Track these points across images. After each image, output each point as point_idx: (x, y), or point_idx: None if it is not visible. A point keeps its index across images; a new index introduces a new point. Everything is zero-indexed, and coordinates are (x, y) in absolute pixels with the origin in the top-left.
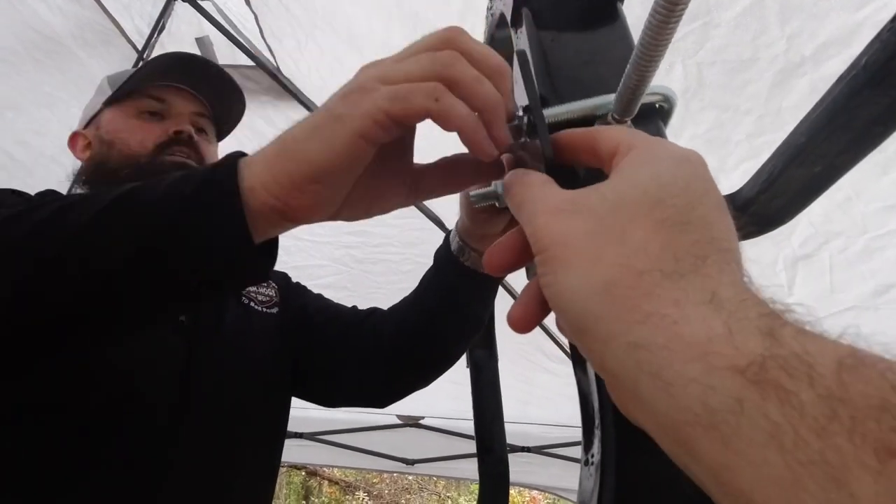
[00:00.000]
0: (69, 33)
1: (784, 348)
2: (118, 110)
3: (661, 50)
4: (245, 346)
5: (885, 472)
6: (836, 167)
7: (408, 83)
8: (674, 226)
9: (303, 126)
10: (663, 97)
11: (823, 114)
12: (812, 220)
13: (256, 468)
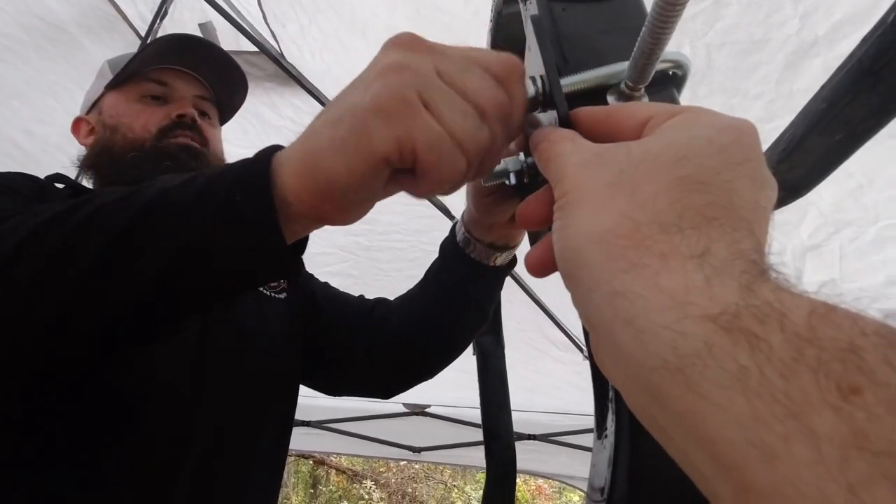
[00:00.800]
0: (73, 20)
1: (759, 299)
2: (120, 94)
3: (678, 10)
4: (257, 330)
5: (846, 407)
6: (858, 134)
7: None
8: (691, 184)
9: (330, 133)
10: (676, 63)
11: (847, 77)
12: (822, 209)
13: (268, 453)
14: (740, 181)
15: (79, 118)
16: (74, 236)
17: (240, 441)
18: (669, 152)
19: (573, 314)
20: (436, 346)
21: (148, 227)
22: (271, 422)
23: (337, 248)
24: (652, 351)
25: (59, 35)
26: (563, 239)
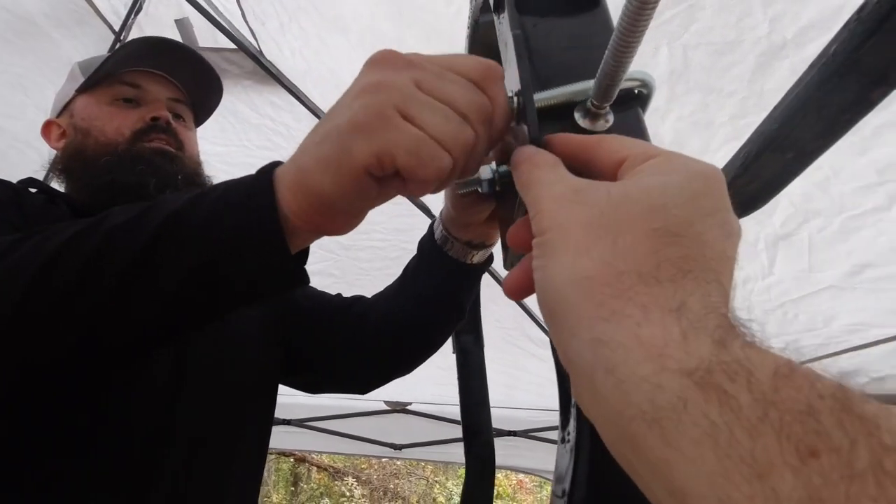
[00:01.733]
0: (42, 13)
1: (730, 355)
2: (92, 97)
3: (637, 36)
4: (234, 334)
5: (804, 469)
6: (807, 153)
7: (429, 139)
8: (665, 236)
9: (315, 152)
10: (642, 83)
11: (795, 101)
12: (793, 199)
13: (247, 454)
14: (711, 232)
15: (49, 121)
16: (90, 264)
17: (218, 443)
18: (646, 200)
19: None
20: (413, 342)
21: (161, 251)
22: (250, 423)
23: (317, 246)
24: (631, 401)
25: (26, 27)
26: (545, 280)
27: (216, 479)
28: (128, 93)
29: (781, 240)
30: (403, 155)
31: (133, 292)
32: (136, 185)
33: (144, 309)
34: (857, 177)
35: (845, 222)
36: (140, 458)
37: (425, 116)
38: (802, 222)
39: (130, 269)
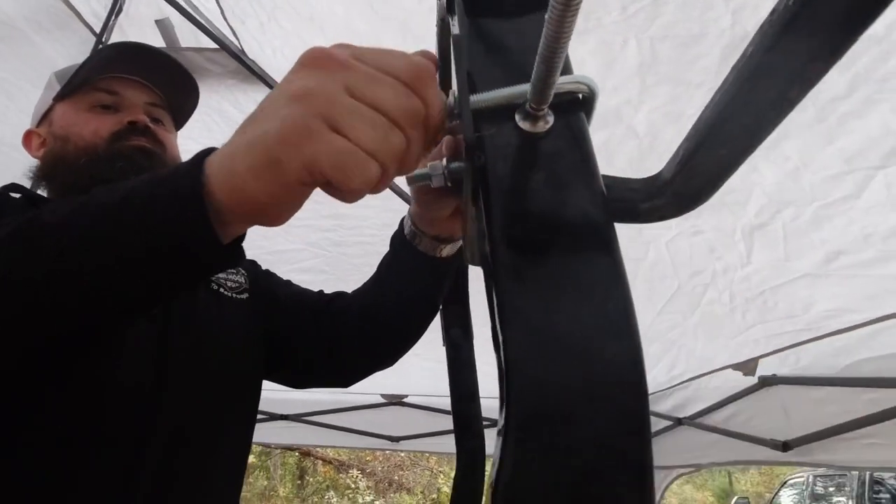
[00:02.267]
0: (22, 17)
1: None
2: (69, 105)
3: (563, 40)
4: (217, 331)
5: None
6: (739, 149)
7: (358, 151)
8: None
9: (247, 160)
10: (583, 87)
11: (721, 99)
12: (766, 189)
13: (230, 451)
14: None
15: (29, 131)
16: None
17: (201, 440)
18: None
19: None
20: (389, 336)
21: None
22: (232, 420)
23: (307, 244)
24: None
25: (8, 32)
26: None
27: (198, 477)
28: (105, 99)
29: (757, 230)
30: (330, 168)
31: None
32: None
33: (75, 298)
34: (825, 166)
35: (817, 211)
36: (121, 457)
37: (353, 126)
38: (776, 212)
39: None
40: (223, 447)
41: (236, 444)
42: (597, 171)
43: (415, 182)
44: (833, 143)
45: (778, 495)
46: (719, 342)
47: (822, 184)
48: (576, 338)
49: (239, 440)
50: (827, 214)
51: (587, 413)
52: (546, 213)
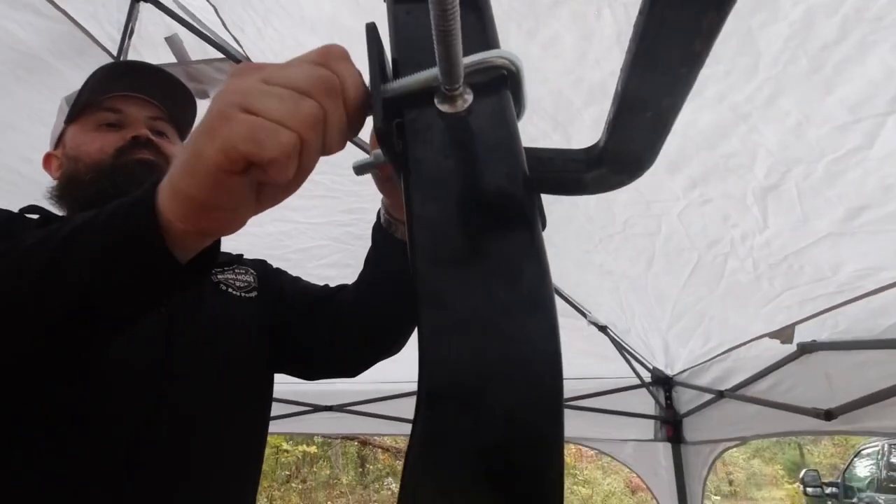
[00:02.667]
0: (45, 48)
1: None
2: (78, 126)
3: (450, 19)
4: (223, 330)
5: None
6: (664, 110)
7: (265, 121)
8: None
9: (178, 160)
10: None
11: (630, 61)
12: (770, 149)
13: (239, 443)
14: None
15: (48, 154)
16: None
17: (207, 431)
18: None
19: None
20: (382, 324)
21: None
22: (240, 411)
23: (330, 239)
24: None
25: (34, 63)
26: None
27: (205, 462)
28: (109, 118)
29: (769, 192)
30: (242, 143)
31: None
32: (117, 196)
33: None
34: (829, 118)
35: (829, 166)
36: (124, 447)
37: (263, 104)
38: (785, 172)
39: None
40: (230, 438)
41: (245, 436)
42: (517, 146)
43: (361, 171)
44: (833, 93)
45: (852, 465)
46: (750, 311)
47: (829, 137)
48: (487, 315)
49: (248, 432)
50: (839, 169)
51: (497, 390)
52: (462, 192)
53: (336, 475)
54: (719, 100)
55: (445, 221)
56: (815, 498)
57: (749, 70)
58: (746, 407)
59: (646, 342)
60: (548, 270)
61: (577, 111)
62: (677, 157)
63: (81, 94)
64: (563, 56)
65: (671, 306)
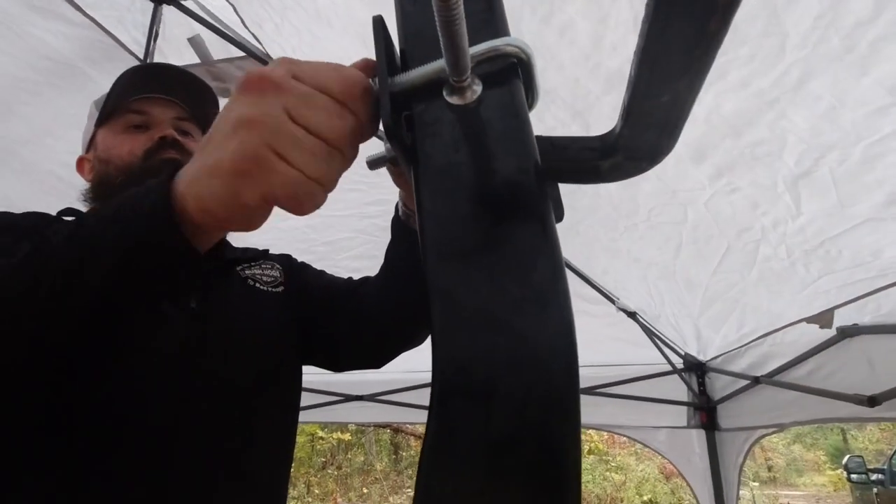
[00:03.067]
0: (76, 55)
1: None
2: (108, 129)
3: (453, 8)
4: (252, 324)
5: None
6: (682, 93)
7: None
8: None
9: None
10: (511, 49)
11: (642, 44)
12: (800, 135)
13: (268, 436)
14: None
15: (80, 158)
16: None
17: (237, 423)
18: None
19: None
20: (405, 315)
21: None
22: (268, 404)
23: (357, 231)
24: None
25: (67, 71)
26: None
27: (234, 453)
28: (136, 120)
29: (801, 179)
30: (284, 199)
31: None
32: None
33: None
34: (865, 101)
35: (866, 151)
36: (160, 429)
37: (297, 156)
38: (818, 158)
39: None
40: (261, 426)
41: (276, 423)
42: (529, 137)
43: (375, 166)
44: (868, 74)
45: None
46: (786, 297)
47: (866, 120)
48: (498, 311)
49: (277, 425)
50: (878, 152)
51: (509, 387)
52: (473, 185)
53: (370, 462)
54: (744, 85)
55: (456, 215)
56: (860, 484)
57: (775, 52)
58: (784, 393)
59: (677, 328)
60: (561, 264)
61: (596, 99)
62: (700, 146)
63: (109, 98)
64: (579, 42)
65: (701, 293)
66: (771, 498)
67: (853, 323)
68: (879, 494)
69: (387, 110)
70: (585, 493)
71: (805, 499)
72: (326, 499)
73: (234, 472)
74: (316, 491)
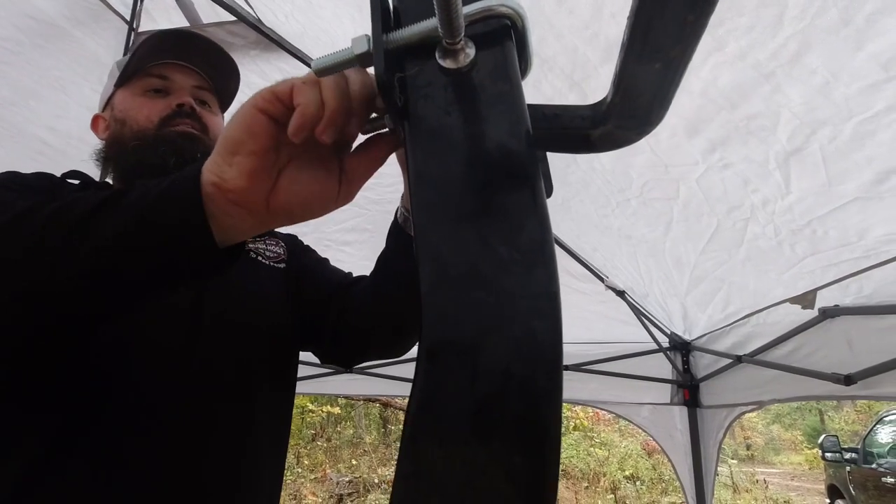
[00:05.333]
0: (61, 15)
1: None
2: (127, 91)
3: None
4: (252, 296)
5: None
6: (673, 60)
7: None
8: None
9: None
10: (503, 10)
11: (634, 9)
12: (794, 110)
13: (269, 406)
14: None
15: (96, 116)
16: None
17: (234, 391)
18: None
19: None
20: (387, 325)
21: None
22: (267, 375)
23: (350, 204)
24: None
25: (52, 31)
26: None
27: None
28: (156, 84)
29: (792, 156)
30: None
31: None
32: (158, 165)
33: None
34: (859, 76)
35: (857, 128)
36: (157, 399)
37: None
38: (810, 134)
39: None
40: (259, 397)
41: (273, 395)
42: (520, 101)
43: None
44: (863, 49)
45: (873, 432)
46: (771, 276)
47: (859, 96)
48: (486, 269)
49: (275, 391)
50: (869, 130)
51: (495, 344)
52: (464, 148)
53: (359, 435)
54: (741, 57)
55: (446, 178)
56: (834, 463)
57: (773, 23)
58: (764, 372)
59: (664, 307)
60: (548, 227)
61: (594, 69)
62: (696, 119)
63: (132, 59)
64: (578, 10)
65: (689, 271)
66: (748, 475)
67: (835, 304)
68: (852, 472)
69: (381, 65)
70: (569, 468)
71: (781, 476)
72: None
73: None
74: (306, 462)
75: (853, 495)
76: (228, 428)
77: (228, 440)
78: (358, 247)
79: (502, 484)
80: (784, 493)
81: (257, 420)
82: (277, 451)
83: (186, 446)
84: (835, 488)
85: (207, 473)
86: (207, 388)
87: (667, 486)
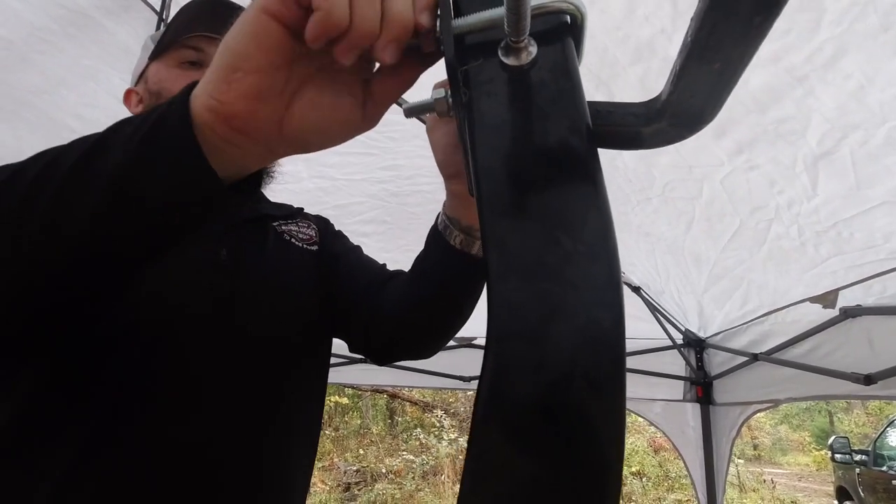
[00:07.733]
0: (92, 5)
1: None
2: (161, 63)
3: None
4: (285, 278)
5: None
6: (734, 61)
7: None
8: None
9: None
10: (568, 6)
11: (703, 8)
12: (826, 114)
13: (303, 384)
14: None
15: (129, 90)
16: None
17: (268, 372)
18: None
19: None
20: (419, 331)
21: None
22: (299, 358)
23: (367, 196)
24: None
25: (83, 21)
26: None
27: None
28: (191, 56)
29: (821, 159)
30: None
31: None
32: None
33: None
34: (894, 82)
35: (890, 132)
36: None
37: None
38: (841, 138)
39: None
40: (292, 375)
41: (306, 374)
42: (581, 98)
43: (411, 114)
44: None
45: (884, 434)
46: (792, 276)
47: (893, 101)
48: (551, 260)
49: (308, 382)
50: None
51: (559, 330)
52: (526, 145)
53: (367, 425)
54: (775, 60)
55: (510, 173)
56: (843, 464)
57: (810, 28)
58: (780, 370)
59: (679, 304)
60: (611, 220)
61: (623, 69)
62: (724, 121)
63: (167, 32)
64: (611, 11)
65: (708, 269)
66: (755, 474)
67: (857, 304)
68: (861, 474)
69: (451, 51)
70: None
71: (788, 476)
72: (324, 458)
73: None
74: None
75: (862, 497)
76: (261, 401)
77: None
78: (376, 238)
79: (567, 469)
80: (791, 494)
81: (289, 392)
82: (312, 425)
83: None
84: (843, 490)
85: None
86: (241, 367)
87: (673, 483)
